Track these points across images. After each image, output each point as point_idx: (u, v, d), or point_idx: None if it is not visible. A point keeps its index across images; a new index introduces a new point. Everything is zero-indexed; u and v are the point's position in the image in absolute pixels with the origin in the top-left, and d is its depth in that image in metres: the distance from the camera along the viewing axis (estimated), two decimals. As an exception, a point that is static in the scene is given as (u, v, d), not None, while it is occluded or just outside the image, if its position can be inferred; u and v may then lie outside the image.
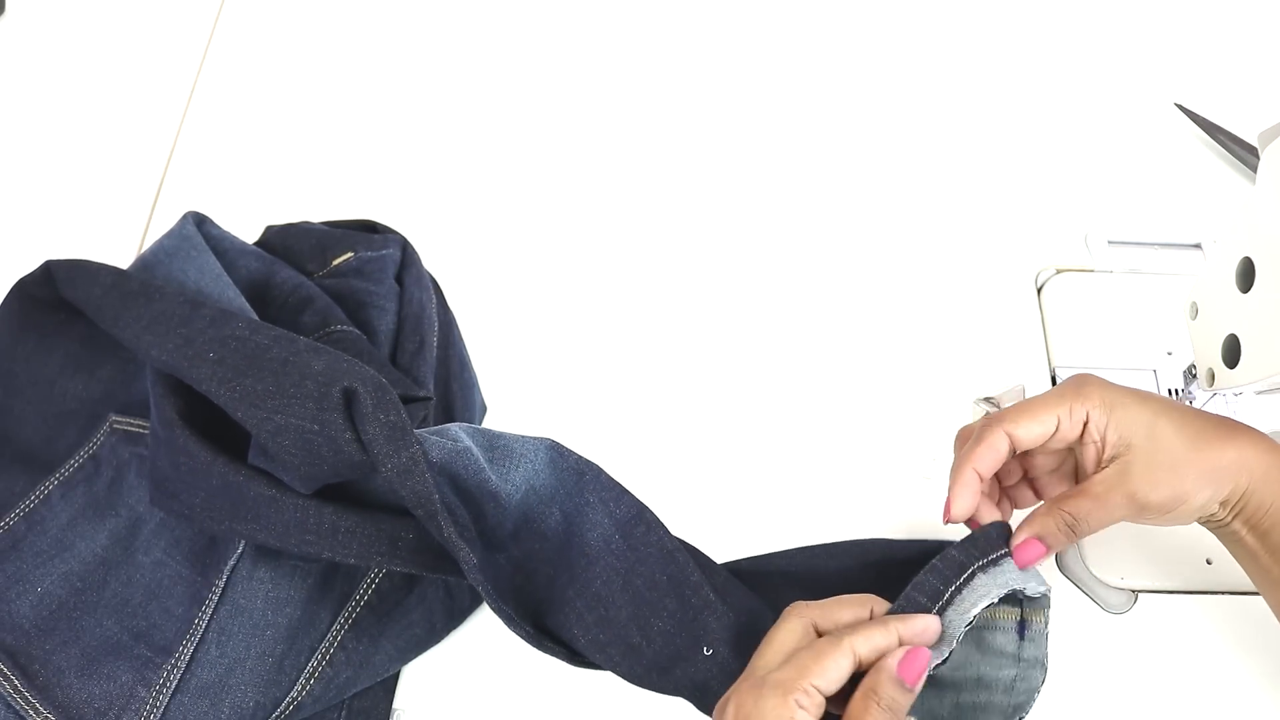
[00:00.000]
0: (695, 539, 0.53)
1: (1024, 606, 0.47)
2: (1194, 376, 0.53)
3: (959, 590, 0.45)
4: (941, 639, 0.44)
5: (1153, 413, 0.45)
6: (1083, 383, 0.46)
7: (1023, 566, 0.45)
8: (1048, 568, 0.55)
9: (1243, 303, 0.47)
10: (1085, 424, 0.45)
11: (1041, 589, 0.45)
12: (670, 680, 0.48)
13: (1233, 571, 0.48)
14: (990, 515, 0.47)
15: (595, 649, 0.49)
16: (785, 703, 0.39)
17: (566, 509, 0.51)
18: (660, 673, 0.49)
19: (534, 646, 0.49)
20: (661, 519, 0.51)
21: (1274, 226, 0.45)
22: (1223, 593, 0.54)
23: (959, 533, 0.47)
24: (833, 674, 0.40)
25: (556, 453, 0.51)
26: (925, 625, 0.43)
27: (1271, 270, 0.45)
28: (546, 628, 0.50)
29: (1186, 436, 0.44)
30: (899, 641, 0.42)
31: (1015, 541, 0.46)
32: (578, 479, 0.51)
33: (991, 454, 0.46)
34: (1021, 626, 0.47)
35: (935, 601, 0.45)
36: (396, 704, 0.52)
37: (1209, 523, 0.46)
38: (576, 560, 0.50)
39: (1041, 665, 0.46)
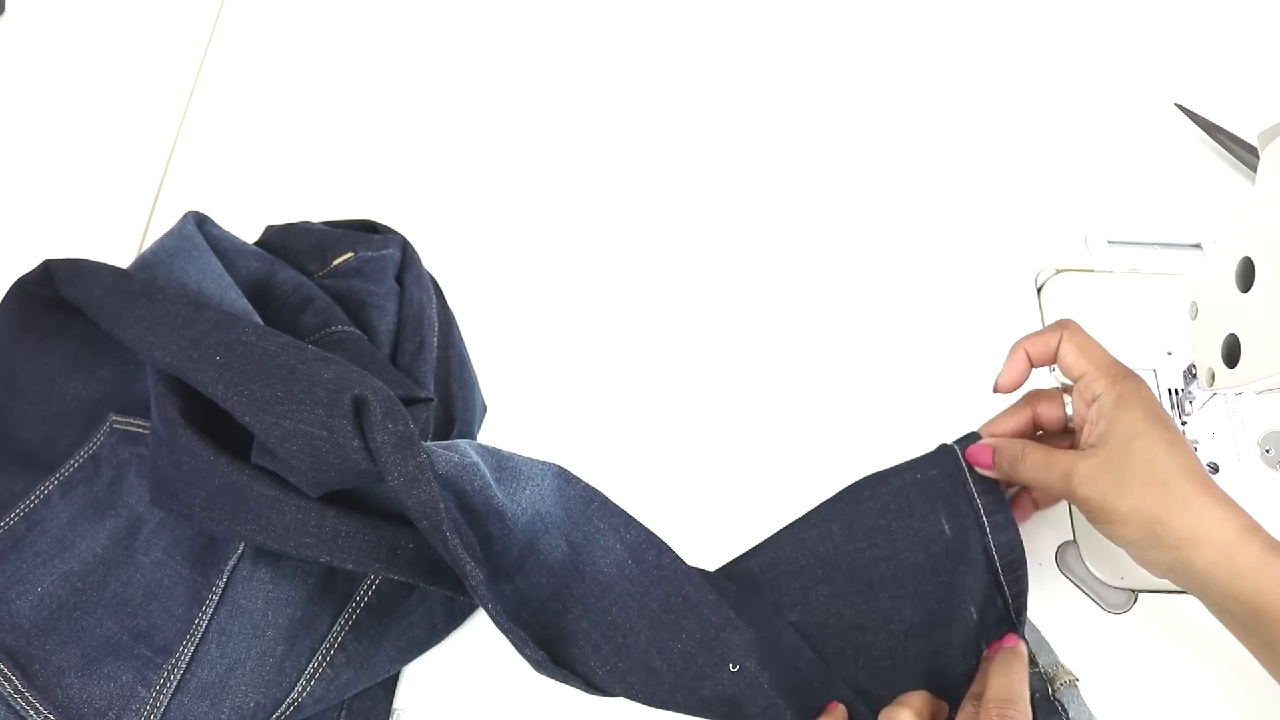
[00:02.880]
0: (693, 539, 0.53)
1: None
2: (1194, 376, 0.53)
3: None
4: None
5: (1145, 433, 0.46)
6: (1125, 377, 0.48)
7: (970, 462, 0.52)
8: (1046, 563, 0.55)
9: (1243, 303, 0.47)
10: (1094, 399, 0.48)
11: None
12: (697, 699, 0.48)
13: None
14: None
15: (614, 678, 0.49)
16: None
17: (574, 539, 0.51)
18: (685, 693, 0.48)
19: (547, 675, 0.48)
20: (665, 528, 0.51)
21: (1274, 226, 0.45)
22: (1223, 593, 0.54)
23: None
24: None
25: (564, 479, 0.51)
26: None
27: (1271, 270, 0.45)
28: (560, 663, 0.49)
29: (1156, 474, 0.45)
30: None
31: (974, 443, 0.52)
32: (585, 505, 0.51)
33: (1043, 344, 0.51)
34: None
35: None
36: (396, 704, 0.52)
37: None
38: (590, 590, 0.50)
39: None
